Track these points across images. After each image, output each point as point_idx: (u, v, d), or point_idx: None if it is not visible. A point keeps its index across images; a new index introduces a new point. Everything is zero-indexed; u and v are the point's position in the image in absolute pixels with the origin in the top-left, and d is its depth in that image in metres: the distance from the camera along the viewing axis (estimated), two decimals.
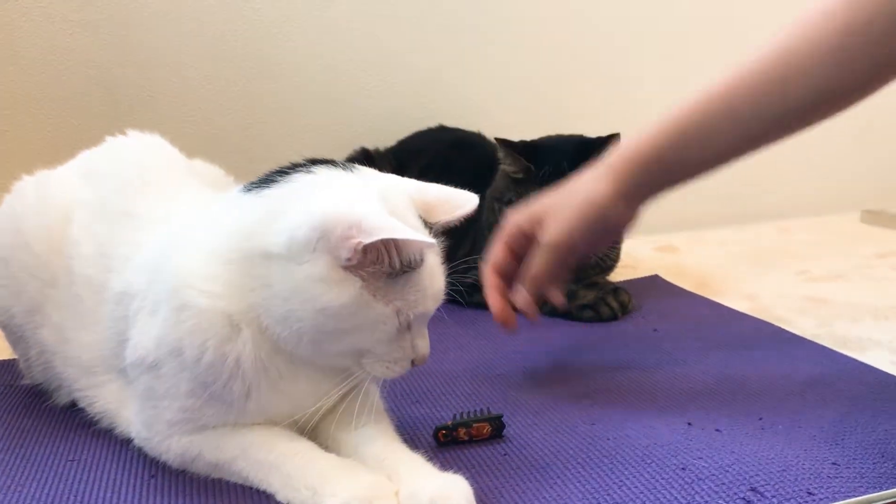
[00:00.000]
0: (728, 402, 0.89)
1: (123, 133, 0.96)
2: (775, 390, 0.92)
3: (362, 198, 0.67)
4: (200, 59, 1.49)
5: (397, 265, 0.66)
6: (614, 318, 1.23)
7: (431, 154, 1.46)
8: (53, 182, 0.92)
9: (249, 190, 0.72)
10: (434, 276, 0.70)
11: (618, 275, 1.46)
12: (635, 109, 1.73)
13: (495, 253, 0.91)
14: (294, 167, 0.71)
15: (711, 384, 0.95)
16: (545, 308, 1.27)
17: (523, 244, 0.89)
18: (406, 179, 0.74)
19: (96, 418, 0.84)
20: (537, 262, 0.87)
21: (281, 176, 0.70)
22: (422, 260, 0.68)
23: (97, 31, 1.42)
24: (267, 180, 0.71)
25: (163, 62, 1.47)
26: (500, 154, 1.27)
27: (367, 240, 0.62)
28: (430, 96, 1.62)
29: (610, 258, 1.30)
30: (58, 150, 0.99)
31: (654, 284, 1.43)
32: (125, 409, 0.80)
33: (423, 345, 0.71)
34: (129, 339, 0.75)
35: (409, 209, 0.70)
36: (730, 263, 1.58)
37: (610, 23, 1.75)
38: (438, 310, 0.72)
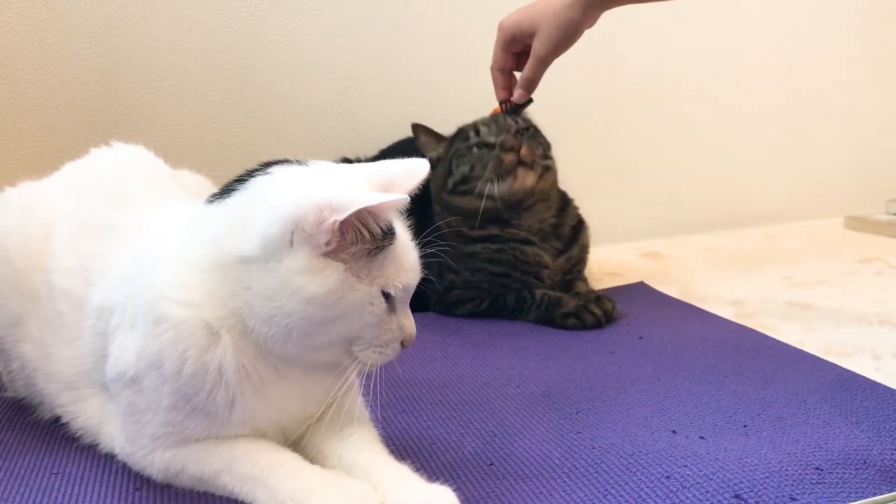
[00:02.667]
0: (712, 409, 0.90)
1: (108, 144, 0.96)
2: (759, 397, 0.92)
3: (323, 183, 0.68)
4: (186, 69, 1.49)
5: (378, 234, 0.66)
6: (598, 325, 1.23)
7: None
8: (36, 195, 0.91)
9: (213, 201, 0.73)
10: (407, 247, 0.71)
11: (603, 282, 1.47)
12: (619, 114, 1.75)
13: (498, 58, 1.23)
14: (250, 173, 0.72)
15: (696, 391, 0.95)
16: (530, 315, 1.28)
17: (515, 46, 1.21)
18: (359, 165, 0.75)
19: (79, 434, 0.83)
20: (532, 70, 1.19)
21: (240, 183, 0.71)
22: (394, 232, 0.68)
23: (82, 43, 1.42)
24: (228, 189, 0.72)
25: (149, 73, 1.47)
26: (421, 141, 1.39)
27: (341, 216, 0.63)
28: (414, 106, 1.63)
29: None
30: (43, 162, 0.98)
31: (639, 291, 1.44)
32: (108, 424, 0.80)
33: (408, 324, 0.72)
34: (109, 353, 0.74)
35: (366, 188, 0.70)
36: (714, 269, 1.59)
37: (594, 33, 1.75)
38: (424, 318, 0.73)
